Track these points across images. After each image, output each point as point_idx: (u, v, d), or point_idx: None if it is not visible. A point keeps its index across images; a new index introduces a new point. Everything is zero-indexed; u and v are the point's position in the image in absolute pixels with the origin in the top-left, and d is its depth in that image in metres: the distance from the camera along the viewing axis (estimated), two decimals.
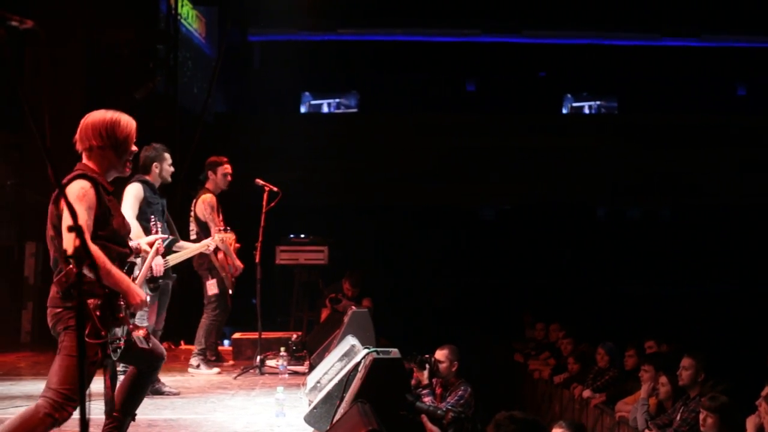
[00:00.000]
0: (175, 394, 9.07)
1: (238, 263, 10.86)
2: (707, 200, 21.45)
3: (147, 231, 8.61)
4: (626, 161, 20.97)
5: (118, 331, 5.16)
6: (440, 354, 9.94)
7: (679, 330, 15.52)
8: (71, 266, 4.92)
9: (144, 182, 8.91)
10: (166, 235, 8.97)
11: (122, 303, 5.16)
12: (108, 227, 5.35)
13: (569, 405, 13.31)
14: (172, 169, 9.25)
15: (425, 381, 9.87)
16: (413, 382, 10.06)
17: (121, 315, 5.12)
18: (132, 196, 8.74)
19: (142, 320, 8.89)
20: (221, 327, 11.36)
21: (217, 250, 10.65)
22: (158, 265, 8.67)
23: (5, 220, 10.98)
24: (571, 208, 22.93)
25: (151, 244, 6.02)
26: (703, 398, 8.69)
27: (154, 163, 9.04)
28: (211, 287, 10.38)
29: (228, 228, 10.22)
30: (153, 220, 7.79)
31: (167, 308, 9.41)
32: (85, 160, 5.50)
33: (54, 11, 13.21)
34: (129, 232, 5.72)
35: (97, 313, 4.98)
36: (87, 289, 4.92)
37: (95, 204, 5.24)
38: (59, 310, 5.20)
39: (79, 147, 5.52)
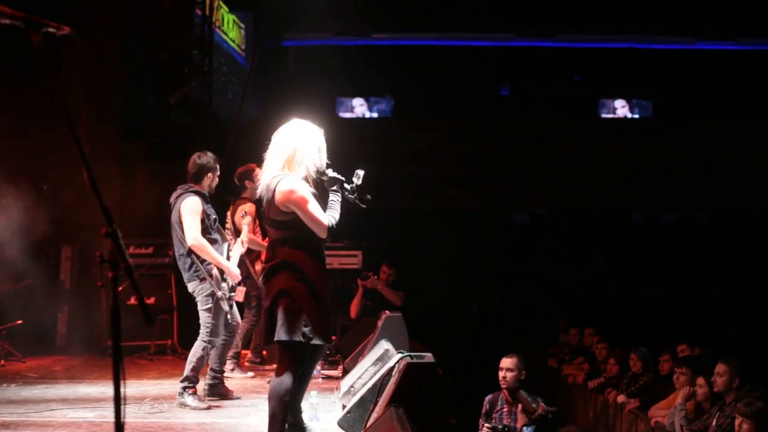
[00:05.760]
0: (237, 398, 9.13)
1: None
2: (743, 205, 21.30)
3: (212, 243, 8.61)
4: (661, 165, 20.84)
5: None
6: (508, 362, 9.58)
7: (713, 335, 15.45)
8: None
9: (199, 194, 8.63)
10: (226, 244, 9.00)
11: None
12: None
13: (603, 410, 13.27)
14: (217, 180, 8.98)
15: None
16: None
17: None
18: (191, 211, 8.49)
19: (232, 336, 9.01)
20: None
21: (255, 261, 10.66)
22: (235, 275, 8.70)
23: (41, 224, 11.03)
24: (606, 212, 22.85)
25: None
26: (739, 404, 8.63)
27: (209, 173, 8.76)
28: (239, 294, 10.36)
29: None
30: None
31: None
32: None
33: (91, 17, 13.33)
34: None
35: None
36: None
37: None
38: None
39: None
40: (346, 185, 6.58)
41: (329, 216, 6.34)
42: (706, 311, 19.19)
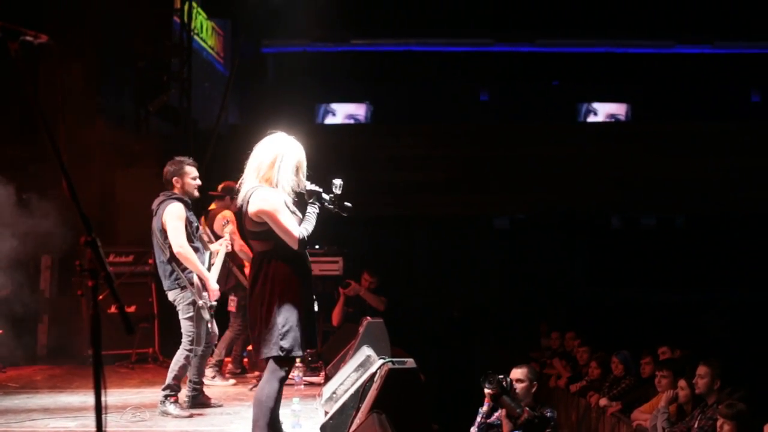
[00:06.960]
0: (219, 406, 9.09)
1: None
2: (722, 208, 21.37)
3: (195, 251, 8.56)
4: (640, 169, 20.88)
5: None
6: (519, 372, 8.71)
7: (694, 337, 15.50)
8: None
9: (182, 200, 8.58)
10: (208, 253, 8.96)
11: None
12: None
13: (586, 414, 13.28)
14: (197, 183, 8.81)
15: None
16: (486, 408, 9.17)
17: None
18: (175, 217, 8.45)
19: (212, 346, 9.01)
20: (247, 340, 11.27)
21: (242, 267, 10.64)
22: (215, 290, 8.66)
23: (21, 234, 10.96)
24: (586, 216, 22.88)
25: None
26: (720, 406, 8.66)
27: (174, 178, 8.66)
28: (231, 303, 10.37)
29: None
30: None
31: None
32: None
33: (69, 25, 13.28)
34: None
35: None
36: None
37: None
38: None
39: None
40: (324, 196, 6.57)
41: (302, 228, 6.32)
42: (687, 313, 19.25)
